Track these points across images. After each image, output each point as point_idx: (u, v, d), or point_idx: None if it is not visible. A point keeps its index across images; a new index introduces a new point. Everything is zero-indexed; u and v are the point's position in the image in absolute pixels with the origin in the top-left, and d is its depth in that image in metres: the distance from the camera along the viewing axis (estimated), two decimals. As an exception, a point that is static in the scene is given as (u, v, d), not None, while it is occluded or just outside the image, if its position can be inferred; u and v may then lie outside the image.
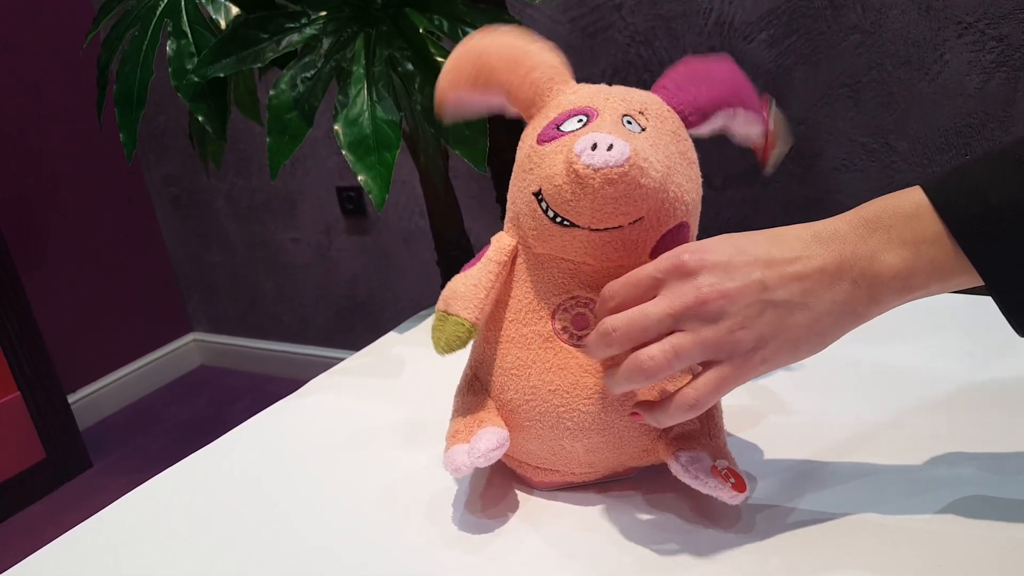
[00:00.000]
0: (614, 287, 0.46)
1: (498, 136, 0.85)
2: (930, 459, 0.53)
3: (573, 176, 0.44)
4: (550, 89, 0.51)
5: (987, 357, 0.65)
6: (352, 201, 1.89)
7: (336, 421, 0.69)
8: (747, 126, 0.52)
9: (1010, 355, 0.64)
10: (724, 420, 0.52)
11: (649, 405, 0.47)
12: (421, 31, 0.85)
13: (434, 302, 0.52)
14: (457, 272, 0.52)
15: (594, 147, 0.43)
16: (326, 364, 0.83)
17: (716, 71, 0.52)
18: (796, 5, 1.23)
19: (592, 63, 1.42)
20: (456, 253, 1.11)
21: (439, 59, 0.84)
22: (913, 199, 0.42)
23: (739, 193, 1.38)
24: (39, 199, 1.94)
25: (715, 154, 1.33)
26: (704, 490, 0.47)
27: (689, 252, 0.44)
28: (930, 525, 0.47)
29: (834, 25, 1.22)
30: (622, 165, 0.43)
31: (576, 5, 1.40)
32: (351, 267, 2.00)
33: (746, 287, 0.42)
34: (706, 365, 0.44)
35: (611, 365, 0.46)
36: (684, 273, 0.43)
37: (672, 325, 0.43)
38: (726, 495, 0.46)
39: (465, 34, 0.84)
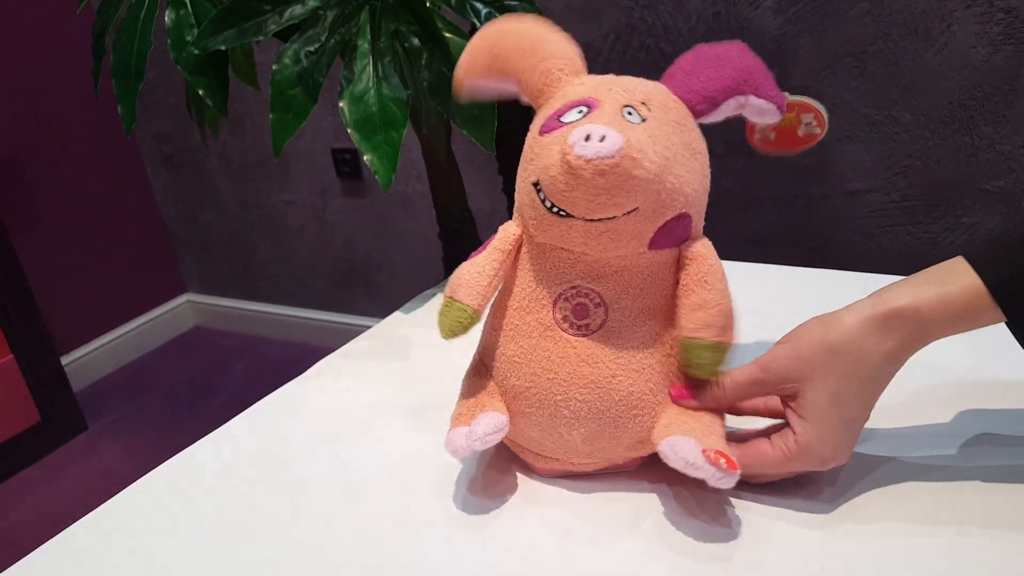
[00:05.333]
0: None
1: (507, 121, 0.83)
2: (933, 451, 0.54)
3: (566, 167, 0.45)
4: (559, 80, 0.51)
5: (992, 349, 0.65)
6: (348, 164, 1.86)
7: (342, 403, 0.69)
8: (760, 113, 0.52)
9: (1016, 348, 0.64)
10: (729, 419, 0.54)
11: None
12: (428, 4, 0.83)
13: (433, 268, 0.53)
14: (458, 242, 0.53)
15: (587, 138, 0.44)
16: (322, 326, 0.83)
17: (727, 57, 0.51)
18: (804, -28, 1.21)
19: (596, 27, 1.40)
20: (459, 225, 1.10)
21: (446, 34, 0.82)
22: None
23: (739, 162, 1.37)
24: (29, 159, 1.90)
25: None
26: (691, 473, 0.46)
27: (818, 461, 0.49)
28: (932, 518, 0.48)
29: (842, -7, 1.20)
30: (613, 156, 0.43)
31: (579, -33, 1.37)
32: (347, 230, 1.98)
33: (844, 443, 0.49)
34: None
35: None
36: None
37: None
38: (714, 477, 0.46)
39: (473, 8, 0.82)
